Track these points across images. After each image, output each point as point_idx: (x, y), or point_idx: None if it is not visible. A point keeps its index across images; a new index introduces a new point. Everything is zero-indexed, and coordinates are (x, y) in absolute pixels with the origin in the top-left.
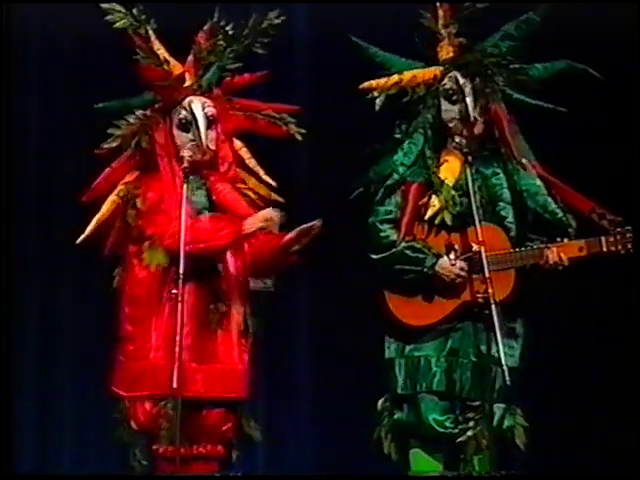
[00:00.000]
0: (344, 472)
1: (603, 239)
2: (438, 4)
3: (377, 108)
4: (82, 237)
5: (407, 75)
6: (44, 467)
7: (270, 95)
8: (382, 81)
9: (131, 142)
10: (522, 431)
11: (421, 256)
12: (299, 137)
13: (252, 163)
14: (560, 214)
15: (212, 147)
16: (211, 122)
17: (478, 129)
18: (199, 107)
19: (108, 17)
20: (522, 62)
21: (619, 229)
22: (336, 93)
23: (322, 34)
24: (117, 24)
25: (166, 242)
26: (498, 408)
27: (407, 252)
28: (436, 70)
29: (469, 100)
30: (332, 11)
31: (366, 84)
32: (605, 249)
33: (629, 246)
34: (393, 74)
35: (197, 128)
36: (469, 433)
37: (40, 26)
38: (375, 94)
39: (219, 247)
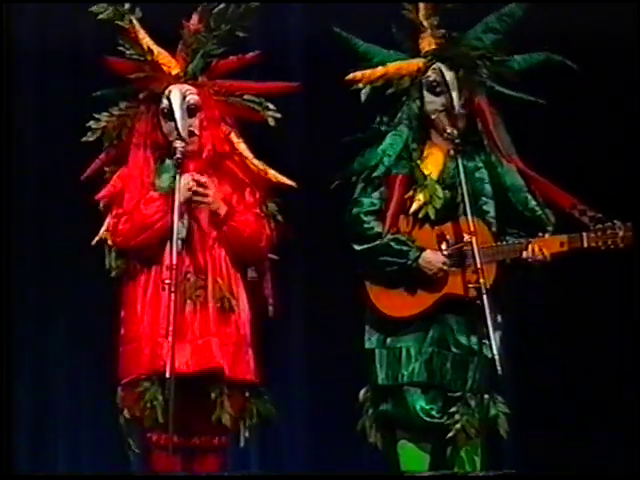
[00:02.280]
0: (336, 463)
1: (584, 235)
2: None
3: (363, 99)
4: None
5: (392, 67)
6: (40, 464)
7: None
8: (368, 72)
9: (113, 134)
10: (504, 419)
11: (405, 249)
12: (272, 122)
13: (241, 147)
14: (539, 211)
15: (197, 133)
16: (193, 110)
17: (461, 122)
18: (177, 96)
19: (92, 9)
20: (503, 54)
21: (600, 225)
22: (325, 82)
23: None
24: (101, 16)
25: (116, 240)
26: (482, 398)
27: (392, 244)
28: (420, 62)
29: (454, 93)
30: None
31: (351, 75)
32: (586, 245)
33: (609, 242)
34: (375, 65)
35: (173, 117)
36: (457, 426)
37: (39, 26)
38: (360, 85)
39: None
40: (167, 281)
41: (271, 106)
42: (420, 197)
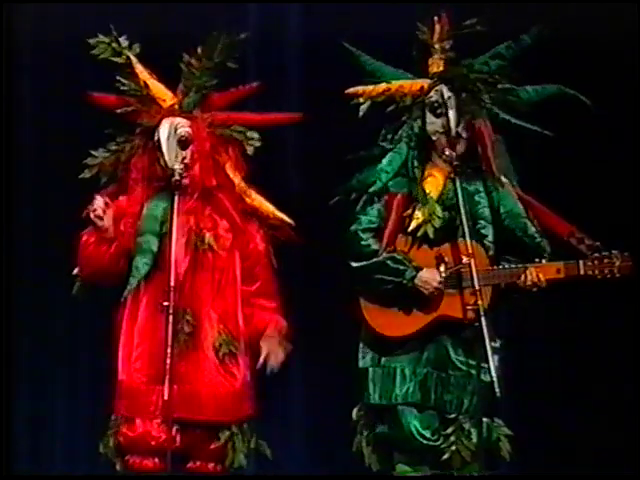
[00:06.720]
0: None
1: (581, 262)
2: (436, 19)
3: (361, 114)
4: None
5: (395, 85)
6: (39, 464)
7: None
8: (369, 88)
9: (109, 170)
10: (506, 441)
11: (401, 268)
12: (250, 151)
13: (237, 181)
14: (538, 238)
15: (190, 165)
16: (184, 143)
17: (461, 145)
18: (166, 129)
19: (93, 51)
20: (513, 83)
21: (597, 254)
22: (326, 100)
23: (315, 40)
24: (101, 55)
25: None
26: (480, 422)
27: (388, 262)
28: (424, 82)
29: (452, 114)
30: (328, 17)
31: (353, 89)
32: (582, 272)
33: (606, 271)
34: (382, 83)
35: (161, 151)
36: (452, 448)
37: (39, 26)
38: (361, 100)
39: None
40: (165, 303)
41: (253, 135)
42: (419, 215)
